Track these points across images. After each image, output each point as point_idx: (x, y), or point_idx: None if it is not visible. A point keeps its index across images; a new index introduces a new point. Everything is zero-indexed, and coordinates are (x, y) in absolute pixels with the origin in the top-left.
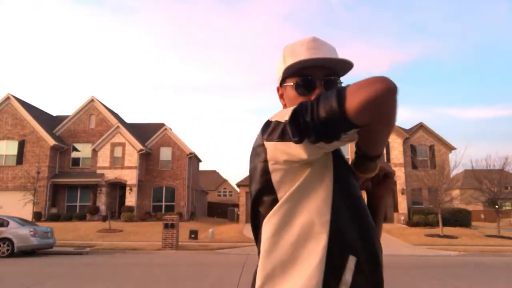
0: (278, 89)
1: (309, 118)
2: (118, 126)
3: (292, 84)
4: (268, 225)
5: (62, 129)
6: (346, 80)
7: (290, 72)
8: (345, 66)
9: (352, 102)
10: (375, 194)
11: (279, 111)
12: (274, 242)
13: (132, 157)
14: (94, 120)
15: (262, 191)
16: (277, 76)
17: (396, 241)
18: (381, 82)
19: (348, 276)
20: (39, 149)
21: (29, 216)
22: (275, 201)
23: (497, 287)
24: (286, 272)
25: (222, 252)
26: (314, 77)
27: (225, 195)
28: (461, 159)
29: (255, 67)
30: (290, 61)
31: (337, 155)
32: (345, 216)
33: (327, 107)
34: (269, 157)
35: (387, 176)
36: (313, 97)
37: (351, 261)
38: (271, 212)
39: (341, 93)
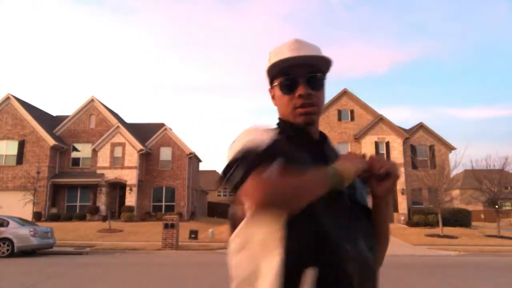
0: (270, 91)
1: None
2: (118, 126)
3: (277, 84)
4: (233, 243)
5: (62, 129)
6: (329, 76)
7: (275, 73)
8: (326, 63)
9: (240, 198)
10: (374, 194)
11: (243, 137)
12: (238, 259)
13: (132, 157)
14: (94, 120)
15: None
16: (267, 79)
17: (396, 241)
18: (255, 199)
19: None
20: (39, 149)
21: (29, 216)
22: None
23: (497, 287)
24: (254, 286)
25: (222, 252)
26: (296, 76)
27: (225, 195)
28: (461, 159)
29: (255, 67)
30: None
31: (304, 162)
32: (301, 230)
33: (231, 183)
34: None
35: (388, 176)
36: (297, 94)
37: (309, 274)
38: (235, 231)
39: (237, 185)
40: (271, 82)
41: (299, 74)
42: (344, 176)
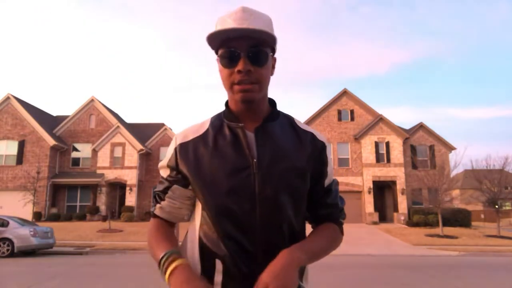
0: (217, 61)
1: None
2: (118, 126)
3: (218, 56)
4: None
5: (62, 129)
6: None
7: (218, 44)
8: (268, 37)
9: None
10: None
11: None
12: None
13: (132, 157)
14: (94, 120)
15: None
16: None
17: (396, 241)
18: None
19: (217, 277)
20: (39, 149)
21: (29, 216)
22: None
23: (497, 287)
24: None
25: None
26: (237, 49)
27: None
28: (461, 159)
29: None
30: None
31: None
32: (209, 229)
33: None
34: None
35: None
36: (236, 69)
37: (218, 264)
38: None
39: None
40: (216, 53)
41: (241, 47)
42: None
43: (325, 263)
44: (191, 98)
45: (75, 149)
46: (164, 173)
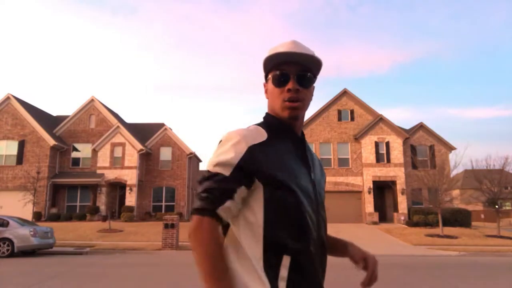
0: (264, 85)
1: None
2: (118, 126)
3: (270, 77)
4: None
5: (62, 129)
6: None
7: (270, 67)
8: (316, 65)
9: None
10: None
11: (218, 148)
12: (229, 258)
13: (132, 157)
14: (94, 120)
15: None
16: (264, 73)
17: (396, 241)
18: (189, 233)
19: (283, 272)
20: (39, 149)
21: (29, 216)
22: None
23: (497, 287)
24: (242, 264)
25: None
26: (288, 71)
27: None
28: (461, 159)
29: (256, 68)
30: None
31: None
32: (277, 226)
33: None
34: None
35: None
36: (286, 88)
37: (286, 260)
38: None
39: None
40: (266, 76)
41: (291, 71)
42: None
43: None
44: (191, 98)
45: (75, 149)
46: (226, 171)
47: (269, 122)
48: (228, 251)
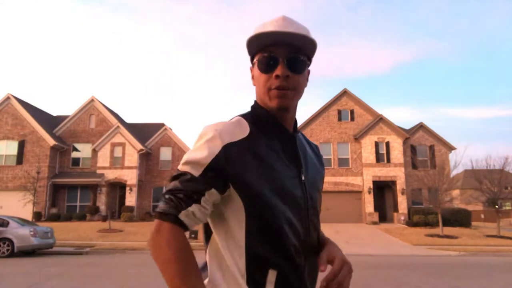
0: (250, 70)
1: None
2: (118, 126)
3: (255, 60)
4: (207, 252)
5: (62, 129)
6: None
7: (256, 49)
8: (311, 46)
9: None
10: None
11: (194, 143)
12: (210, 268)
13: (132, 157)
14: (94, 120)
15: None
16: (249, 56)
17: (396, 241)
18: (150, 237)
19: None
20: (39, 149)
21: (29, 216)
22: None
23: (497, 287)
24: (225, 278)
25: None
26: (277, 54)
27: None
28: (461, 159)
29: None
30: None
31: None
32: (259, 240)
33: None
34: None
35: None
36: (275, 74)
37: (271, 275)
38: (209, 242)
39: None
40: (252, 59)
41: (280, 53)
42: None
43: None
44: (191, 98)
45: (75, 149)
46: (196, 171)
47: (255, 113)
48: (211, 262)
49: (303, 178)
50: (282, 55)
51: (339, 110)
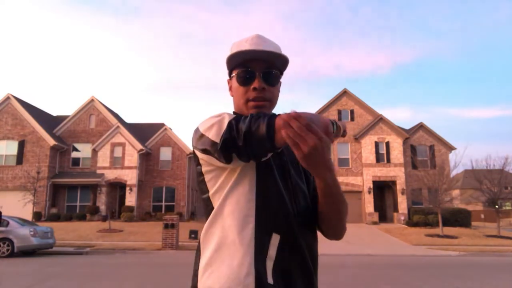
0: (228, 82)
1: (241, 143)
2: (118, 126)
3: (234, 74)
4: (205, 233)
5: (62, 129)
6: (286, 74)
7: (234, 64)
8: (283, 62)
9: (282, 141)
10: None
11: (207, 119)
12: (209, 231)
13: (132, 157)
14: (94, 120)
15: (201, 189)
16: (227, 69)
17: (396, 241)
18: (289, 116)
19: (272, 251)
20: (39, 149)
21: (29, 216)
22: (208, 198)
23: (497, 287)
24: (222, 254)
25: None
26: (253, 69)
27: None
28: (461, 159)
29: None
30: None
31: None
32: (266, 204)
33: (259, 137)
34: (200, 161)
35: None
36: (252, 87)
37: (275, 238)
38: (208, 210)
39: (271, 127)
40: (230, 73)
41: (256, 68)
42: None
43: (325, 263)
44: (191, 98)
45: (75, 149)
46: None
47: None
48: (210, 240)
49: (289, 185)
50: (258, 69)
51: (339, 110)
